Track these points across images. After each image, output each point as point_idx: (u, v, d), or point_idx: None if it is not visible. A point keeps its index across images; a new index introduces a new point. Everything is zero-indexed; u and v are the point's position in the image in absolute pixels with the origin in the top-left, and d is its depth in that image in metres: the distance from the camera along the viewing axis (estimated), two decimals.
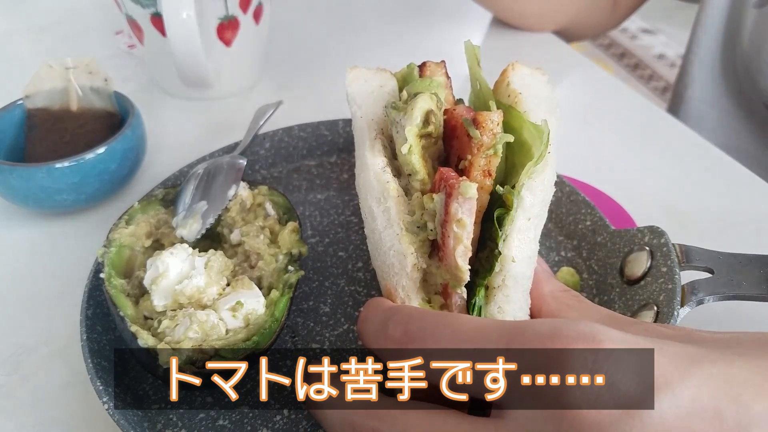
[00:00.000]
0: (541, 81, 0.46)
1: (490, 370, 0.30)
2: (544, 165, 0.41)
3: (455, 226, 0.36)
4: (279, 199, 0.54)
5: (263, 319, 0.45)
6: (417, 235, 0.40)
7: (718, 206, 0.67)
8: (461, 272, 0.37)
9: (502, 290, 0.40)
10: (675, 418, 0.27)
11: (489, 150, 0.39)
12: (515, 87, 0.45)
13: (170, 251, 0.47)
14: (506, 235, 0.39)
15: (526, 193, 0.40)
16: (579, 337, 0.28)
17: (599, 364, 0.27)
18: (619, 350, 0.28)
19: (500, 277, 0.40)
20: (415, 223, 0.39)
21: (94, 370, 0.42)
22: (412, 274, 0.39)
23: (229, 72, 0.81)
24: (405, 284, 0.39)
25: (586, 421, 0.27)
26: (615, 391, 0.27)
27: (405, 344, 0.32)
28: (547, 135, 0.40)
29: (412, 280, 0.39)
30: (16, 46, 0.96)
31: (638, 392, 0.27)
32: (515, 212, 0.39)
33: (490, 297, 0.40)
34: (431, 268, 0.40)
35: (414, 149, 0.40)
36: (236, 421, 0.44)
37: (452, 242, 0.36)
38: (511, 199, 0.40)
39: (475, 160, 0.39)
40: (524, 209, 0.40)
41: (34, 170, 0.57)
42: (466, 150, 0.39)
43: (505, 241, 0.39)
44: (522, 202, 0.40)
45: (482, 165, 0.39)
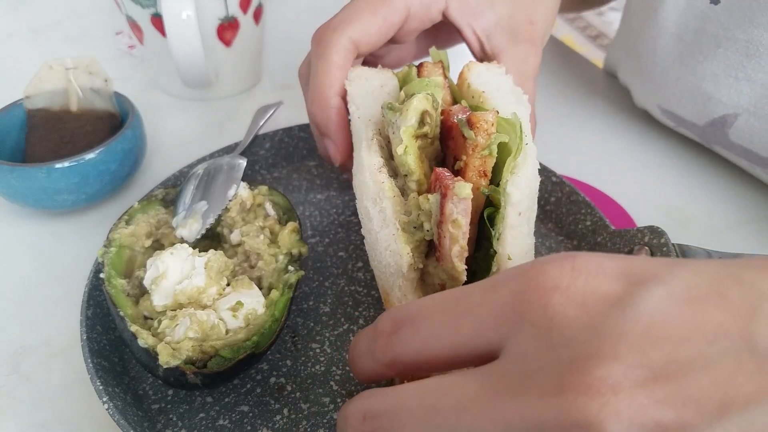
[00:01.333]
0: (499, 74, 0.47)
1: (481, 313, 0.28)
2: (524, 157, 0.41)
3: (451, 226, 0.36)
4: (279, 199, 0.54)
5: (263, 319, 0.45)
6: (413, 236, 0.39)
7: (718, 206, 0.67)
8: (458, 272, 0.37)
9: None
10: (672, 305, 0.24)
11: (484, 150, 0.39)
12: (476, 86, 0.45)
13: (170, 251, 0.47)
14: (499, 233, 0.39)
15: (512, 188, 0.40)
16: (556, 258, 0.27)
17: (578, 270, 0.26)
18: (597, 259, 0.26)
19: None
20: (411, 223, 0.39)
21: (94, 370, 0.42)
22: (409, 274, 0.39)
23: (229, 72, 0.81)
24: (401, 284, 0.39)
25: (576, 326, 0.25)
26: (599, 292, 0.25)
27: (396, 331, 0.30)
28: (519, 127, 0.40)
29: (409, 281, 0.39)
30: (16, 46, 0.96)
31: (625, 289, 0.25)
32: (504, 210, 0.39)
33: None
34: (428, 268, 0.40)
35: (410, 150, 0.40)
36: (236, 421, 0.44)
37: (448, 243, 0.37)
38: (498, 198, 0.40)
39: (470, 160, 0.39)
40: (513, 205, 0.40)
41: (34, 170, 0.57)
42: (461, 150, 0.39)
43: (498, 239, 0.39)
44: (509, 198, 0.40)
45: (477, 165, 0.39)
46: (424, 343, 0.29)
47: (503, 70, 0.47)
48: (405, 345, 0.30)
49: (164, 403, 0.45)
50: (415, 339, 0.30)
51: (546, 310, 0.25)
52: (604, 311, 0.25)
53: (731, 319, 0.24)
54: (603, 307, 0.25)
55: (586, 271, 0.26)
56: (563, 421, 0.23)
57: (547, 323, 0.25)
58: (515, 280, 0.27)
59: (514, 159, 0.40)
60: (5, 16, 1.03)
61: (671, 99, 0.69)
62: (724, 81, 0.62)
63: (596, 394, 0.23)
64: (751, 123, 0.62)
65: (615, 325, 0.24)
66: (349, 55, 0.48)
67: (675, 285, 0.25)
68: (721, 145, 0.67)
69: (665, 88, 0.69)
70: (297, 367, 0.48)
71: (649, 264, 0.26)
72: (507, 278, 0.28)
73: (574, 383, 0.23)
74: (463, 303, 0.28)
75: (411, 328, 0.30)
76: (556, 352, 0.25)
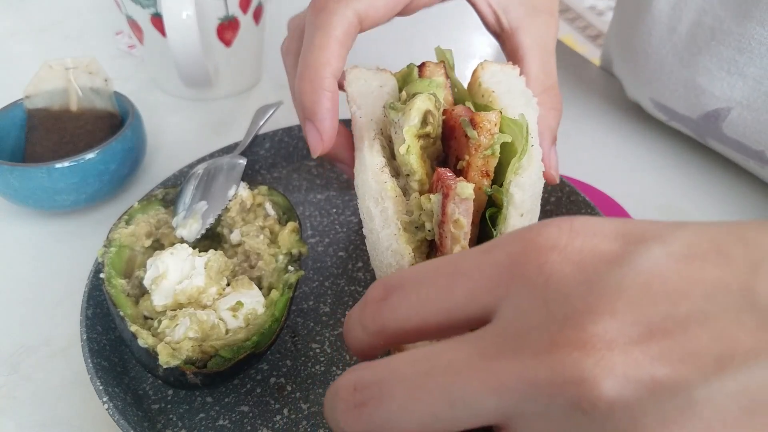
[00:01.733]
0: (512, 75, 0.46)
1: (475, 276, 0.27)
2: (528, 159, 0.41)
3: (452, 226, 0.36)
4: (279, 199, 0.54)
5: (263, 319, 0.45)
6: (415, 235, 0.39)
7: (718, 206, 0.67)
8: None
9: None
10: (670, 262, 0.23)
11: (486, 150, 0.39)
12: (487, 86, 0.45)
13: (170, 251, 0.47)
14: (500, 234, 0.39)
15: (515, 189, 0.40)
16: (554, 220, 0.26)
17: (576, 231, 0.25)
18: (596, 220, 0.26)
19: None
20: (413, 223, 0.39)
21: (94, 370, 0.42)
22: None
23: (229, 72, 0.81)
24: None
25: (572, 283, 0.24)
26: (596, 250, 0.25)
27: (386, 297, 0.29)
28: (525, 128, 0.40)
29: None
30: (17, 46, 0.96)
31: (623, 247, 0.24)
32: (506, 210, 0.39)
33: None
34: None
35: (412, 149, 0.40)
36: (236, 421, 0.44)
37: (450, 243, 0.36)
38: (500, 198, 0.40)
39: (473, 160, 0.39)
40: (515, 206, 0.40)
41: (34, 170, 0.57)
42: (464, 150, 0.39)
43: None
44: (512, 199, 0.40)
45: (480, 165, 0.39)
46: (414, 308, 0.28)
47: (517, 71, 0.47)
48: (394, 311, 0.29)
49: (164, 403, 0.45)
50: (404, 304, 0.28)
51: (542, 268, 0.25)
52: (601, 268, 0.24)
53: (731, 274, 0.23)
54: (600, 264, 0.24)
55: (584, 232, 0.25)
56: (556, 378, 0.23)
57: (543, 281, 0.25)
58: (512, 242, 0.26)
59: (519, 160, 0.40)
60: (5, 16, 1.03)
61: (665, 92, 0.69)
62: (717, 75, 0.62)
63: (591, 350, 0.22)
64: (744, 116, 0.62)
65: (612, 281, 0.24)
66: (353, 30, 0.43)
67: (674, 243, 0.24)
68: (715, 138, 0.67)
69: (659, 81, 0.69)
70: (297, 367, 0.48)
71: (649, 225, 0.25)
72: (504, 241, 0.27)
73: (568, 339, 0.23)
74: (457, 267, 0.27)
75: (401, 293, 0.29)
76: (550, 309, 0.24)
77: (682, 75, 0.65)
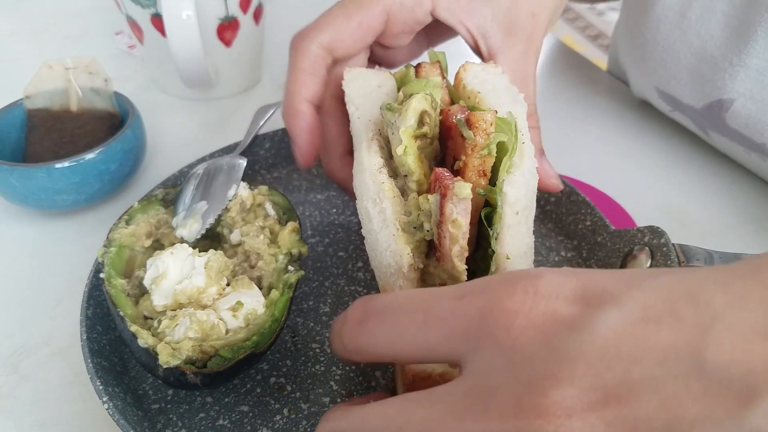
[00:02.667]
0: (494, 74, 0.46)
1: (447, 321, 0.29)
2: (520, 156, 0.41)
3: (451, 226, 0.36)
4: (279, 199, 0.54)
5: (263, 319, 0.45)
6: (413, 236, 0.39)
7: (718, 206, 0.67)
8: (458, 272, 0.37)
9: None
10: (626, 326, 0.25)
11: (483, 150, 0.38)
12: (472, 87, 0.45)
13: (170, 251, 0.47)
14: (497, 233, 0.39)
15: (508, 188, 0.40)
16: (521, 278, 0.28)
17: (540, 295, 0.27)
18: (559, 279, 0.28)
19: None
20: (411, 223, 0.39)
21: (94, 370, 0.42)
22: (409, 274, 0.39)
23: (229, 72, 0.81)
24: (402, 284, 0.39)
25: (535, 347, 0.26)
26: (557, 315, 0.26)
27: (363, 321, 0.31)
28: (515, 125, 0.40)
29: (409, 280, 0.39)
30: (17, 46, 0.96)
31: (581, 311, 0.26)
32: (501, 209, 0.39)
33: None
34: (429, 268, 0.40)
35: (409, 150, 0.40)
36: (236, 421, 0.44)
37: (448, 243, 0.37)
38: (494, 198, 0.40)
39: (470, 160, 0.39)
40: (510, 204, 0.39)
41: (34, 170, 0.57)
42: (460, 150, 0.39)
43: (496, 239, 0.39)
44: (506, 197, 0.39)
45: (477, 165, 0.39)
46: (389, 338, 0.31)
47: (499, 69, 0.47)
48: (370, 337, 0.31)
49: (164, 403, 0.45)
50: (380, 333, 0.31)
51: (509, 331, 0.27)
52: (561, 333, 0.26)
53: (682, 339, 0.24)
54: (561, 329, 0.26)
55: (548, 295, 0.27)
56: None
57: (509, 343, 0.27)
58: (483, 295, 0.28)
59: (510, 158, 0.40)
60: (5, 16, 1.03)
61: (670, 80, 0.69)
62: (722, 65, 0.61)
63: (552, 417, 0.24)
64: (748, 107, 0.61)
65: (571, 347, 0.25)
66: (319, 60, 0.48)
67: (630, 306, 0.26)
68: (718, 129, 0.67)
69: (665, 69, 0.69)
70: (297, 367, 0.48)
71: (609, 283, 0.27)
72: (476, 291, 0.29)
73: (531, 404, 0.25)
74: (432, 308, 0.30)
75: (378, 321, 0.31)
76: (515, 372, 0.26)
77: (689, 63, 0.65)
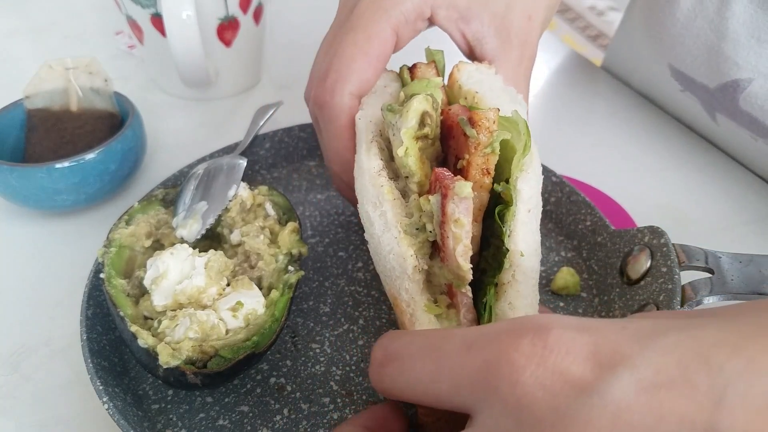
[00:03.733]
0: (489, 74, 0.46)
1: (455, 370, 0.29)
2: (530, 155, 0.41)
3: (453, 226, 0.36)
4: (279, 199, 0.54)
5: (263, 319, 0.45)
6: (416, 237, 0.39)
7: (718, 206, 0.67)
8: (463, 271, 0.37)
9: (512, 286, 0.39)
10: (639, 394, 0.24)
11: (486, 149, 0.38)
12: (468, 87, 0.45)
13: (170, 251, 0.47)
14: (510, 230, 0.39)
15: (523, 185, 0.40)
16: (530, 328, 0.27)
17: (549, 349, 0.26)
18: (570, 334, 0.27)
19: (510, 273, 0.39)
20: (413, 225, 0.39)
21: (94, 370, 0.42)
22: (414, 276, 0.39)
23: (229, 72, 0.81)
24: (408, 287, 0.39)
25: (543, 409, 0.25)
26: (568, 375, 0.25)
27: (385, 365, 0.32)
28: (524, 125, 0.40)
29: (415, 282, 0.39)
30: (17, 46, 0.96)
31: (593, 373, 0.25)
32: (516, 206, 0.39)
33: (500, 294, 0.39)
34: (434, 268, 0.40)
35: (410, 151, 0.40)
36: (236, 421, 0.44)
37: (452, 243, 0.36)
38: (509, 195, 0.40)
39: (473, 159, 0.39)
40: (524, 202, 0.40)
41: (34, 170, 0.57)
42: (463, 149, 0.39)
43: (510, 236, 0.39)
44: (520, 195, 0.40)
45: (480, 164, 0.39)
46: (408, 385, 0.31)
47: (493, 70, 0.46)
48: (391, 382, 0.32)
49: (164, 403, 0.45)
50: (399, 381, 0.31)
51: (515, 389, 0.26)
52: (571, 397, 0.25)
53: (696, 408, 0.24)
54: (570, 391, 0.25)
55: (557, 350, 0.26)
56: None
57: (515, 402, 0.26)
58: (490, 347, 0.28)
59: (523, 156, 0.40)
60: (5, 16, 1.03)
61: (686, 58, 0.68)
62: (746, 42, 0.60)
63: None
64: (767, 88, 0.60)
65: (581, 412, 0.24)
66: (355, 108, 0.46)
67: (643, 369, 0.25)
68: (727, 112, 0.66)
69: (682, 46, 0.67)
70: (297, 367, 0.48)
71: (621, 342, 0.26)
72: (483, 342, 0.28)
73: None
74: (441, 359, 0.30)
75: (397, 366, 0.32)
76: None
77: (708, 40, 0.64)
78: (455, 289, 0.39)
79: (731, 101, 0.64)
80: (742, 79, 0.62)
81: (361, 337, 0.50)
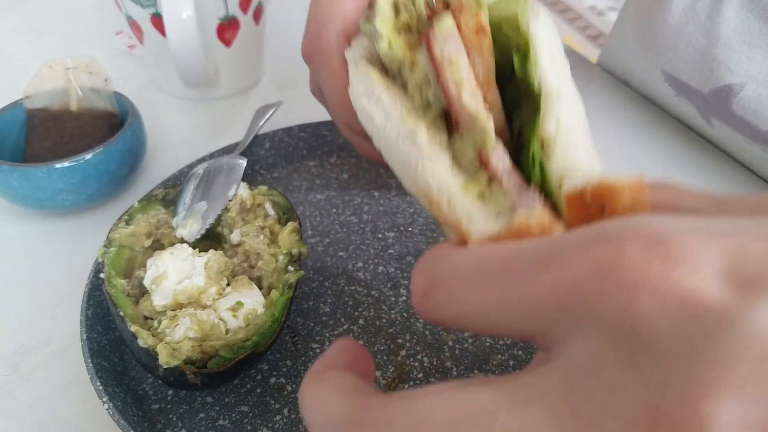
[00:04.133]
0: None
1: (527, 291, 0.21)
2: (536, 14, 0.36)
3: (448, 70, 0.31)
4: (279, 199, 0.54)
5: (263, 319, 0.45)
6: (424, 115, 0.34)
7: None
8: (480, 115, 0.31)
9: (560, 136, 0.32)
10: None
11: (473, 6, 0.34)
12: None
13: (170, 251, 0.47)
14: (538, 79, 0.33)
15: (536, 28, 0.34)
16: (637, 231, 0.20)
17: (672, 260, 0.19)
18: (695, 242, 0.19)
19: (552, 120, 0.32)
20: (417, 106, 0.35)
21: (94, 370, 0.42)
22: (432, 151, 0.32)
23: (229, 72, 0.81)
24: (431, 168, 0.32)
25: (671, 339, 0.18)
26: (699, 297, 0.18)
27: (429, 292, 0.25)
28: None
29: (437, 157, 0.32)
30: (17, 46, 0.96)
31: (736, 296, 0.18)
32: (534, 52, 0.34)
33: (549, 151, 0.32)
34: (456, 144, 0.34)
35: (394, 43, 0.36)
36: (236, 421, 0.44)
37: (455, 88, 0.32)
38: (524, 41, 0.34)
39: (461, 19, 0.33)
40: (542, 45, 0.34)
41: (34, 170, 0.57)
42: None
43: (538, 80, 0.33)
44: (536, 39, 0.34)
45: (472, 26, 0.34)
46: (464, 314, 0.24)
47: None
48: (440, 311, 0.25)
49: (164, 403, 0.45)
50: (451, 307, 0.24)
51: (629, 313, 0.19)
52: (709, 325, 0.18)
53: None
54: (708, 318, 0.18)
55: (682, 261, 0.19)
56: None
57: (628, 330, 0.19)
58: (580, 258, 0.20)
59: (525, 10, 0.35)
60: (5, 16, 1.03)
61: (679, 63, 0.67)
62: (737, 47, 0.60)
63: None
64: (759, 92, 0.60)
65: (725, 345, 0.18)
66: (344, 47, 0.44)
67: None
68: (721, 116, 0.66)
69: (674, 51, 0.67)
70: (297, 367, 0.48)
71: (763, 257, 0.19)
72: (569, 255, 0.20)
73: (675, 419, 0.17)
74: (509, 277, 0.22)
75: (446, 294, 0.24)
76: (642, 370, 0.18)
77: (700, 45, 0.64)
78: (486, 153, 0.32)
79: (725, 106, 0.64)
80: (735, 83, 0.62)
81: (361, 337, 0.50)
